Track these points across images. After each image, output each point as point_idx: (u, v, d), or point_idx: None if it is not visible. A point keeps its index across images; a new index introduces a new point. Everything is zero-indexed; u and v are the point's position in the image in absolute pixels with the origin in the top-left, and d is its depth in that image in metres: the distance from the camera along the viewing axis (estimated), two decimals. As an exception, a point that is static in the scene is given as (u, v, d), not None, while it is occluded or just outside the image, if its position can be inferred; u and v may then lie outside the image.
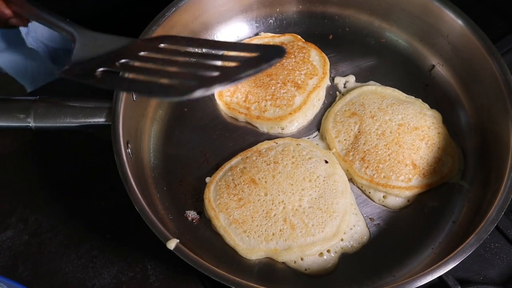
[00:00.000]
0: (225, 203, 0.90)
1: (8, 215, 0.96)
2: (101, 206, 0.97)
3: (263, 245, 0.87)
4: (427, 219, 0.92)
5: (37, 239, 0.94)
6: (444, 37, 1.03)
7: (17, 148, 1.04)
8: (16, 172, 1.02)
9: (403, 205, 0.93)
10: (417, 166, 0.93)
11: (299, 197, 0.89)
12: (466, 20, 0.98)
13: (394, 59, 1.09)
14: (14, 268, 0.91)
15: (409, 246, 0.90)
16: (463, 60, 1.01)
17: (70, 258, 0.92)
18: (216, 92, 1.02)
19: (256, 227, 0.87)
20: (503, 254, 0.92)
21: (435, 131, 0.97)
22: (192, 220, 0.92)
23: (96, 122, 0.88)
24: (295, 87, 1.02)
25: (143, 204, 0.81)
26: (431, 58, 1.08)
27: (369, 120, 0.98)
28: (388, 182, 0.92)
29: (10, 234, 0.95)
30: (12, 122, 0.86)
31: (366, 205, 0.94)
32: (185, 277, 0.91)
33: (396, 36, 1.11)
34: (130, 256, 0.93)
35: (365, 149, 0.95)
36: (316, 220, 0.87)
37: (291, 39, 1.10)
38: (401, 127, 0.96)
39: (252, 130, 1.02)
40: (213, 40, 0.98)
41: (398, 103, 1.00)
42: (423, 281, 0.76)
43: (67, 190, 0.99)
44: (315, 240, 0.86)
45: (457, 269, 0.79)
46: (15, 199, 0.98)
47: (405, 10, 1.06)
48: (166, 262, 0.92)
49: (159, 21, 0.98)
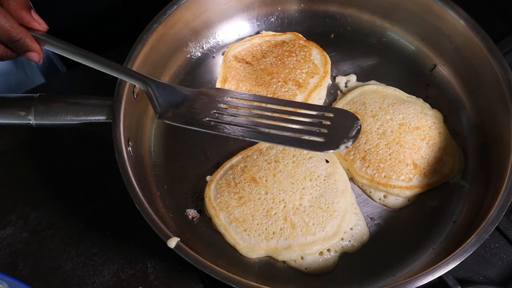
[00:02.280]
0: (226, 201, 0.90)
1: (8, 212, 0.96)
2: (101, 204, 0.97)
3: (263, 244, 0.87)
4: (428, 219, 0.92)
5: (37, 236, 0.94)
6: (446, 37, 1.03)
7: (18, 146, 1.04)
8: (16, 170, 1.02)
9: (404, 204, 0.93)
10: (418, 166, 0.93)
11: (299, 196, 0.89)
12: (468, 20, 0.98)
13: (395, 58, 1.09)
14: (14, 266, 0.91)
15: (409, 245, 0.90)
16: (465, 60, 1.01)
17: (70, 255, 0.92)
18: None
19: (256, 225, 0.87)
20: (503, 254, 0.92)
21: (436, 131, 0.97)
22: (192, 218, 0.92)
23: (97, 120, 0.87)
24: (296, 85, 1.02)
25: (144, 202, 0.81)
26: (433, 58, 1.07)
27: (370, 120, 0.98)
28: (389, 181, 0.92)
29: (10, 231, 0.95)
30: (13, 119, 0.85)
31: (367, 204, 0.94)
32: (185, 275, 0.91)
33: (398, 35, 1.10)
34: (130, 254, 0.93)
35: (366, 149, 0.95)
36: (316, 219, 0.87)
37: (293, 38, 1.09)
38: (402, 126, 0.96)
39: (253, 128, 1.02)
40: (281, 99, 0.93)
41: (399, 102, 1.00)
42: (424, 280, 0.76)
43: (67, 188, 0.99)
44: (315, 239, 0.86)
45: (457, 269, 0.79)
46: (15, 196, 0.98)
47: (407, 10, 1.06)
48: (166, 260, 0.92)
49: (160, 19, 0.98)
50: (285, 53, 1.06)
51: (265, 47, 1.07)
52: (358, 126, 0.75)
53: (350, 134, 0.74)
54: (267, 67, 1.04)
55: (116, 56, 0.85)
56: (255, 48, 1.08)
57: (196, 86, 1.06)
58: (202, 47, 1.10)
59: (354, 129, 0.74)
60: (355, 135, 0.74)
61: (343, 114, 0.78)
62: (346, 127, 0.75)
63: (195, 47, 1.10)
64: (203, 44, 1.11)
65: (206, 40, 1.11)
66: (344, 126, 0.75)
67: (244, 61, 1.05)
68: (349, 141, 0.73)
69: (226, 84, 1.04)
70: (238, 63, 1.05)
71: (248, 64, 1.05)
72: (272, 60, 1.05)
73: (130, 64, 0.92)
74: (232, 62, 1.06)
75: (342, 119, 0.76)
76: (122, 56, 0.93)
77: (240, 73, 1.04)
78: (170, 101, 0.81)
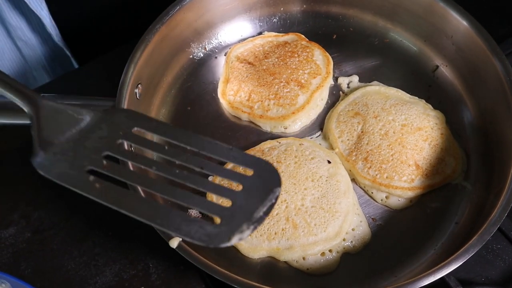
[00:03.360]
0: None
1: (11, 212, 0.96)
2: (103, 204, 0.97)
3: (265, 244, 0.87)
4: (430, 220, 0.92)
5: (39, 236, 0.94)
6: (448, 37, 1.03)
7: (20, 145, 1.04)
8: (18, 169, 1.02)
9: (406, 205, 0.93)
10: (420, 167, 0.93)
11: (301, 197, 0.89)
12: (471, 20, 0.98)
13: (398, 59, 1.09)
14: (17, 265, 0.91)
15: (411, 246, 0.90)
16: (467, 61, 1.01)
17: (73, 255, 0.92)
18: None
19: (258, 226, 0.87)
20: (505, 255, 0.92)
21: (438, 132, 0.97)
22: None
23: (99, 120, 0.87)
24: (298, 86, 1.02)
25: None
26: (435, 59, 1.07)
27: (372, 120, 0.98)
28: (391, 182, 0.92)
29: (13, 231, 0.95)
30: (16, 119, 0.86)
31: (369, 205, 0.94)
32: (187, 275, 0.91)
33: (400, 36, 1.11)
34: (132, 254, 0.93)
35: (368, 149, 0.95)
36: (318, 219, 0.87)
37: (295, 38, 1.10)
38: (405, 127, 0.96)
39: (255, 129, 1.02)
40: (186, 132, 0.63)
41: (401, 103, 1.00)
42: (426, 281, 0.76)
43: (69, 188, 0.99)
44: (317, 239, 0.86)
45: (459, 270, 0.79)
46: (18, 196, 0.98)
47: (409, 11, 1.06)
48: (168, 260, 0.92)
49: (163, 19, 0.98)
50: (287, 54, 1.06)
51: (267, 48, 1.08)
52: (272, 200, 0.56)
53: (256, 214, 0.55)
54: (269, 68, 1.04)
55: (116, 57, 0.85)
56: (257, 49, 1.08)
57: (198, 87, 1.07)
58: (204, 48, 1.11)
59: (264, 206, 0.55)
60: (262, 215, 0.55)
61: (262, 173, 0.58)
62: (255, 201, 0.55)
63: (198, 47, 1.10)
64: (206, 44, 1.11)
65: (209, 41, 1.11)
66: (253, 200, 0.55)
67: (247, 62, 1.06)
68: (250, 226, 0.54)
69: (228, 84, 1.04)
70: (240, 64, 1.06)
71: (251, 64, 1.05)
72: (274, 61, 1.05)
73: (132, 65, 0.92)
74: (235, 63, 1.06)
75: (258, 183, 0.57)
76: (122, 57, 0.93)
77: (242, 74, 1.04)
78: (54, 132, 0.63)
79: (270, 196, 0.56)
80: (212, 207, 0.57)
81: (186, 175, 0.59)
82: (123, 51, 0.97)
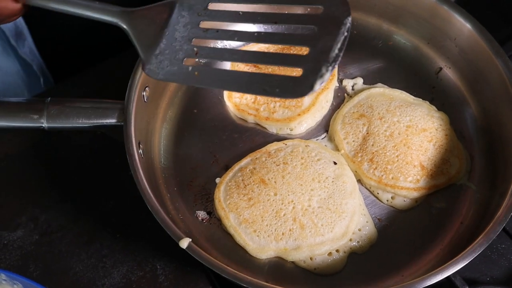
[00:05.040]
0: (235, 203, 0.90)
1: (19, 214, 0.97)
2: (111, 206, 0.98)
3: (273, 245, 0.87)
4: (435, 220, 0.93)
5: (47, 238, 0.95)
6: (451, 40, 1.04)
7: (27, 148, 1.05)
8: (26, 172, 1.02)
9: (411, 206, 0.94)
10: (425, 168, 0.94)
11: (308, 197, 0.90)
12: (474, 23, 0.99)
13: (402, 61, 1.10)
14: (25, 268, 0.91)
15: (417, 246, 0.90)
16: (471, 63, 1.02)
17: (81, 257, 0.93)
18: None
19: (266, 226, 0.88)
20: (510, 255, 0.93)
21: (443, 133, 0.98)
22: (202, 220, 0.93)
23: (108, 123, 0.88)
24: (303, 88, 1.02)
25: (156, 204, 0.81)
26: (439, 61, 1.08)
27: (377, 122, 0.98)
28: (396, 183, 0.93)
29: (21, 233, 0.95)
30: (26, 122, 0.86)
31: (374, 206, 0.95)
32: (194, 277, 0.91)
33: (404, 39, 1.11)
34: (140, 256, 0.93)
35: (374, 150, 0.96)
36: (325, 220, 0.88)
37: (299, 41, 1.10)
38: (409, 128, 0.97)
39: (261, 131, 1.03)
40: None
41: (406, 105, 1.00)
42: (432, 280, 0.77)
43: (77, 190, 1.00)
44: (324, 239, 0.87)
45: (464, 269, 0.79)
46: (25, 198, 0.99)
47: (413, 13, 1.07)
48: (175, 262, 0.92)
49: None
50: (292, 57, 1.06)
51: (272, 50, 1.08)
52: (345, 33, 0.58)
53: (332, 53, 0.57)
54: (274, 70, 1.05)
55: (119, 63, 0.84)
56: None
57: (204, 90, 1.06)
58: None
59: (337, 42, 0.57)
60: (338, 52, 0.57)
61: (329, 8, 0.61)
62: (328, 41, 0.58)
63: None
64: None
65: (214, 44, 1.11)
66: (326, 40, 0.58)
67: (252, 65, 1.06)
68: (329, 68, 0.57)
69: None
70: (246, 67, 1.06)
71: (256, 67, 1.06)
72: (279, 64, 1.06)
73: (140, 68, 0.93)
74: (240, 65, 1.07)
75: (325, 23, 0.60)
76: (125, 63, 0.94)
77: (248, 76, 1.05)
78: (150, 37, 0.68)
79: (342, 29, 0.58)
80: (291, 59, 0.62)
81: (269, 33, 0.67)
82: (123, 57, 0.97)
